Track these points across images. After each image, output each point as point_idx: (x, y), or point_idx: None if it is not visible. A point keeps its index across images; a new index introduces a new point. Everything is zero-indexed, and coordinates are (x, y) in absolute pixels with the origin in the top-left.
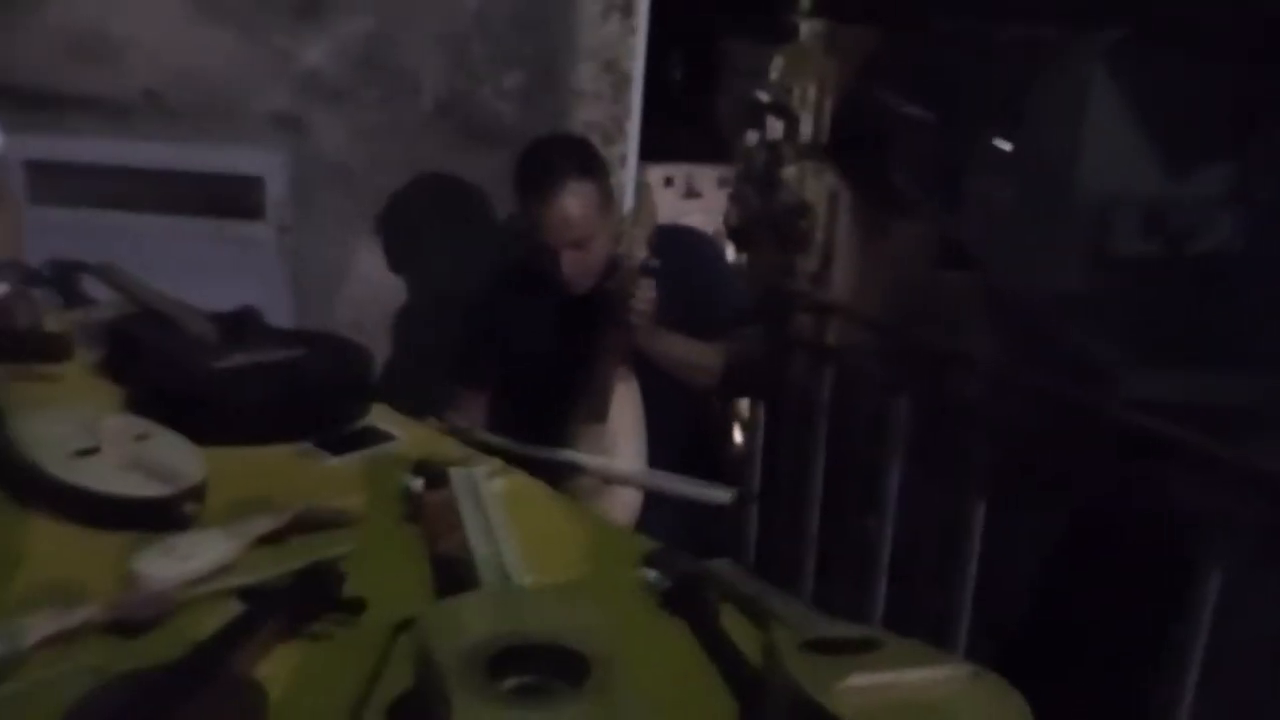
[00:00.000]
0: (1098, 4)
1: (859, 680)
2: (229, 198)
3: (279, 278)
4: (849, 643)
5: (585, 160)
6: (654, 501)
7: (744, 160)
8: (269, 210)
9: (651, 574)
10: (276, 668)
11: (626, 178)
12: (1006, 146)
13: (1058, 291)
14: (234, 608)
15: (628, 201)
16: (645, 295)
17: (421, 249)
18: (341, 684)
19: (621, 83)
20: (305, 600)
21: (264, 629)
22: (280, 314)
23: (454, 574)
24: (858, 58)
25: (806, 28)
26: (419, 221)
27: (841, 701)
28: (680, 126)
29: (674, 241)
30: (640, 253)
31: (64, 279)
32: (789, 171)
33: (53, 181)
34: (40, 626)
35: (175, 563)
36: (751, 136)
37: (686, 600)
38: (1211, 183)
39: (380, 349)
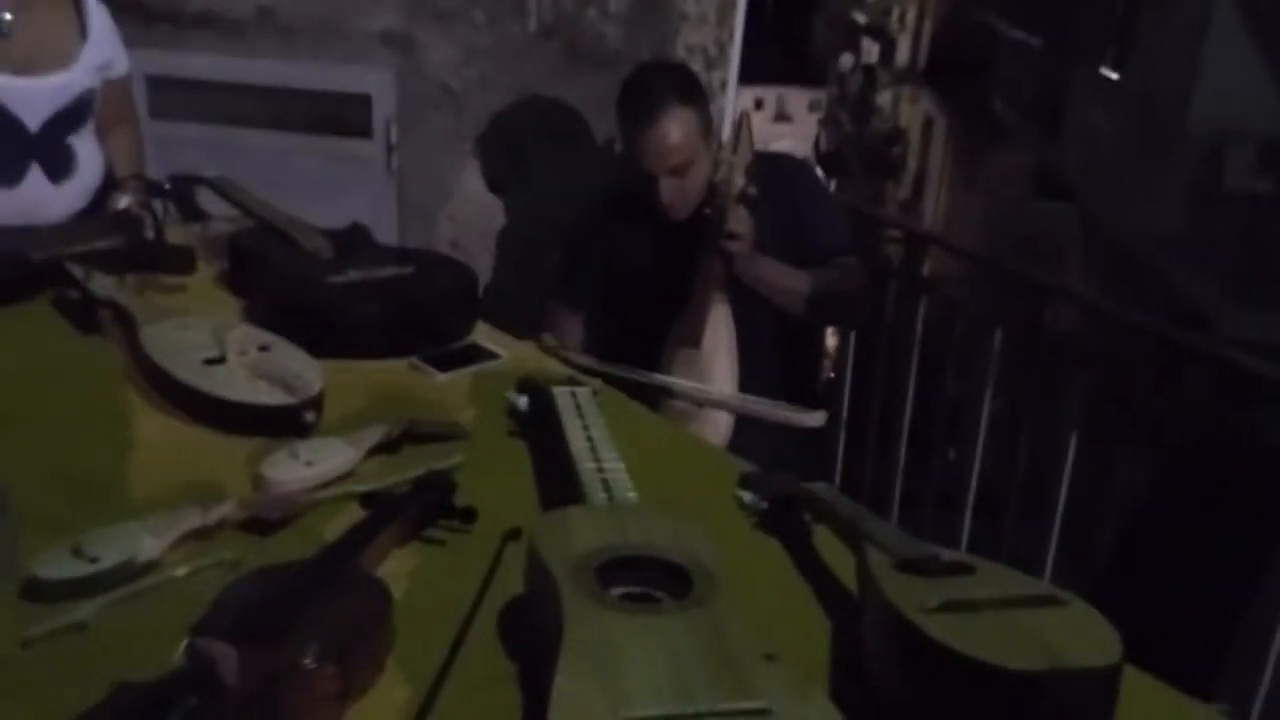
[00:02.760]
0: None
1: (952, 595)
2: (338, 115)
3: (385, 194)
4: (942, 565)
5: (686, 87)
6: (745, 426)
7: (837, 84)
8: (376, 128)
9: (748, 495)
10: (396, 569)
11: (726, 102)
12: (1114, 75)
13: (1161, 227)
14: (356, 512)
15: (728, 126)
16: (743, 222)
17: (523, 170)
18: (456, 587)
19: (726, 6)
20: (422, 507)
21: (385, 532)
22: (386, 230)
23: (560, 487)
24: None
25: None
26: (521, 142)
27: (934, 622)
28: (772, 48)
29: (773, 169)
30: (739, 181)
31: (183, 193)
32: (883, 96)
33: (171, 97)
34: (182, 522)
35: (300, 467)
36: (846, 60)
37: (782, 521)
38: None
39: (481, 267)
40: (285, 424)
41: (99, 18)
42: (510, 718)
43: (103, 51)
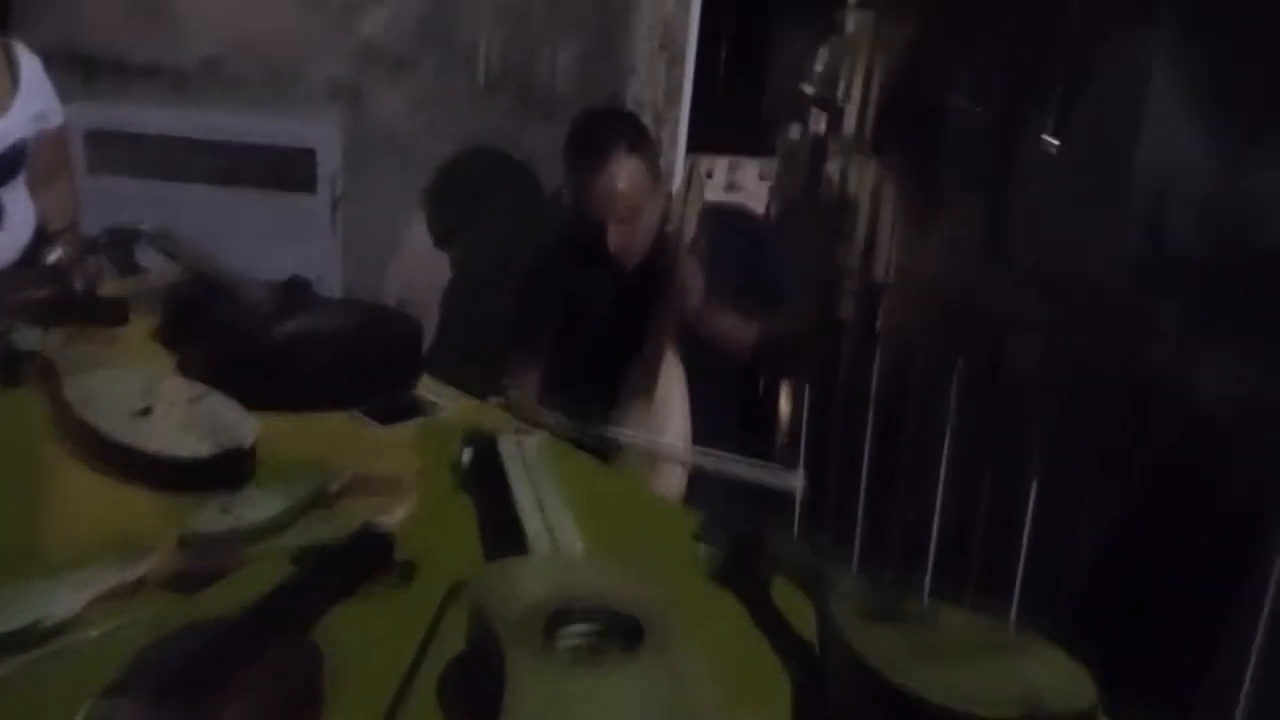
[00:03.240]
0: None
1: (920, 642)
2: (282, 169)
3: (330, 248)
4: (908, 612)
5: (634, 134)
6: (698, 479)
7: (786, 153)
8: (321, 182)
9: (702, 547)
10: (329, 628)
11: (676, 157)
12: (1055, 142)
13: (1109, 287)
14: (289, 568)
15: (676, 180)
16: (694, 274)
17: (472, 222)
18: (394, 647)
19: (675, 60)
20: (358, 562)
21: (318, 589)
22: (331, 284)
23: (505, 540)
24: (905, 49)
25: (853, 19)
26: (469, 194)
27: (903, 672)
28: (722, 118)
29: (723, 219)
30: (690, 230)
31: (120, 246)
32: (832, 165)
33: (111, 151)
34: (100, 579)
35: (230, 521)
36: (794, 130)
37: (738, 571)
38: (1274, 180)
39: (428, 322)
40: (216, 478)
41: (30, 69)
42: None
43: (35, 103)
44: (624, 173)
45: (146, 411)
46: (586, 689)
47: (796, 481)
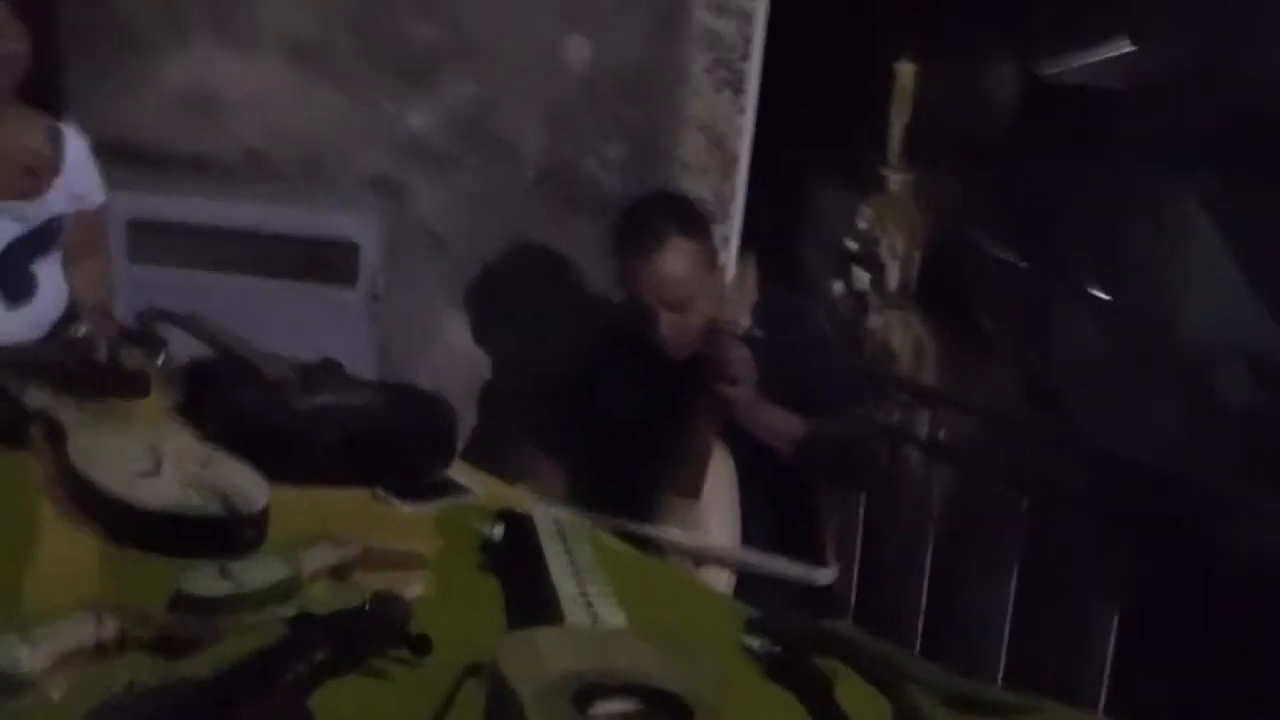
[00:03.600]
0: (1198, 146)
1: None
2: (322, 262)
3: (365, 343)
4: (997, 705)
5: (689, 218)
6: (746, 584)
7: (829, 309)
8: (361, 276)
9: (756, 641)
10: (329, 702)
11: (728, 257)
12: (1103, 295)
13: (1158, 443)
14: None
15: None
16: (745, 364)
17: (512, 321)
18: None
19: (729, 160)
20: (361, 629)
21: (313, 653)
22: (364, 377)
23: (536, 617)
24: (947, 207)
25: (896, 178)
26: (511, 292)
27: None
28: (764, 275)
29: (778, 312)
30: (743, 320)
31: (148, 328)
32: (874, 321)
33: (153, 240)
34: (70, 634)
35: (228, 585)
36: (837, 286)
37: (796, 668)
38: None
39: (463, 424)
40: (219, 543)
41: (76, 148)
42: None
43: (78, 182)
44: (678, 256)
45: (153, 472)
46: None
47: (826, 577)
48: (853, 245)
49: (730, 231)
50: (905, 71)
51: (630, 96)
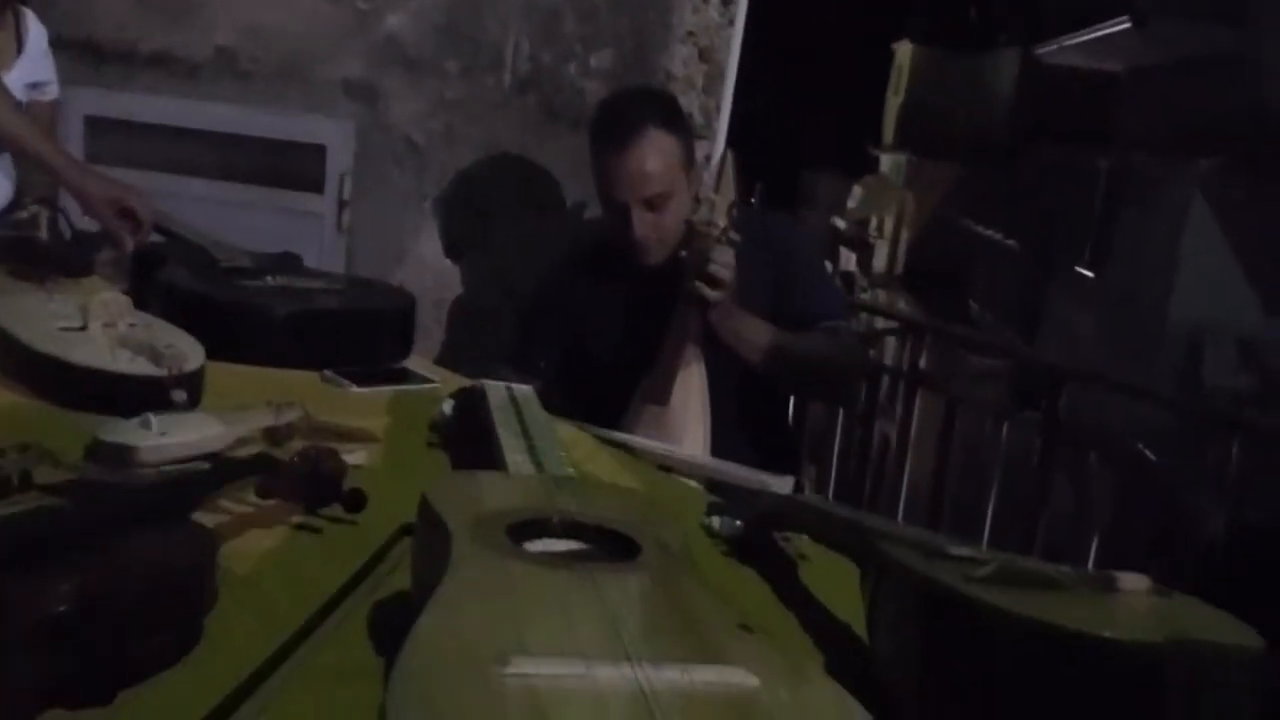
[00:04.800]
0: (1193, 133)
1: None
2: (289, 166)
3: (333, 251)
4: (986, 556)
5: (667, 112)
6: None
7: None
8: (328, 182)
9: (718, 520)
10: (249, 547)
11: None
12: (1090, 275)
13: (1144, 425)
14: None
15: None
16: (725, 266)
17: (485, 234)
18: (325, 577)
19: (714, 74)
20: (294, 480)
21: (232, 489)
22: None
23: None
24: (938, 190)
25: (887, 160)
26: (485, 204)
27: (992, 593)
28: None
29: (760, 224)
30: (720, 221)
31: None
32: (862, 300)
33: (112, 138)
34: None
35: (152, 436)
36: (826, 266)
37: (760, 548)
38: None
39: (432, 339)
40: (146, 402)
41: (37, 37)
42: (363, 717)
43: (35, 71)
44: (655, 151)
45: (80, 329)
46: (556, 584)
47: (785, 486)
48: (842, 225)
49: (715, 146)
50: (903, 51)
51: (617, 3)
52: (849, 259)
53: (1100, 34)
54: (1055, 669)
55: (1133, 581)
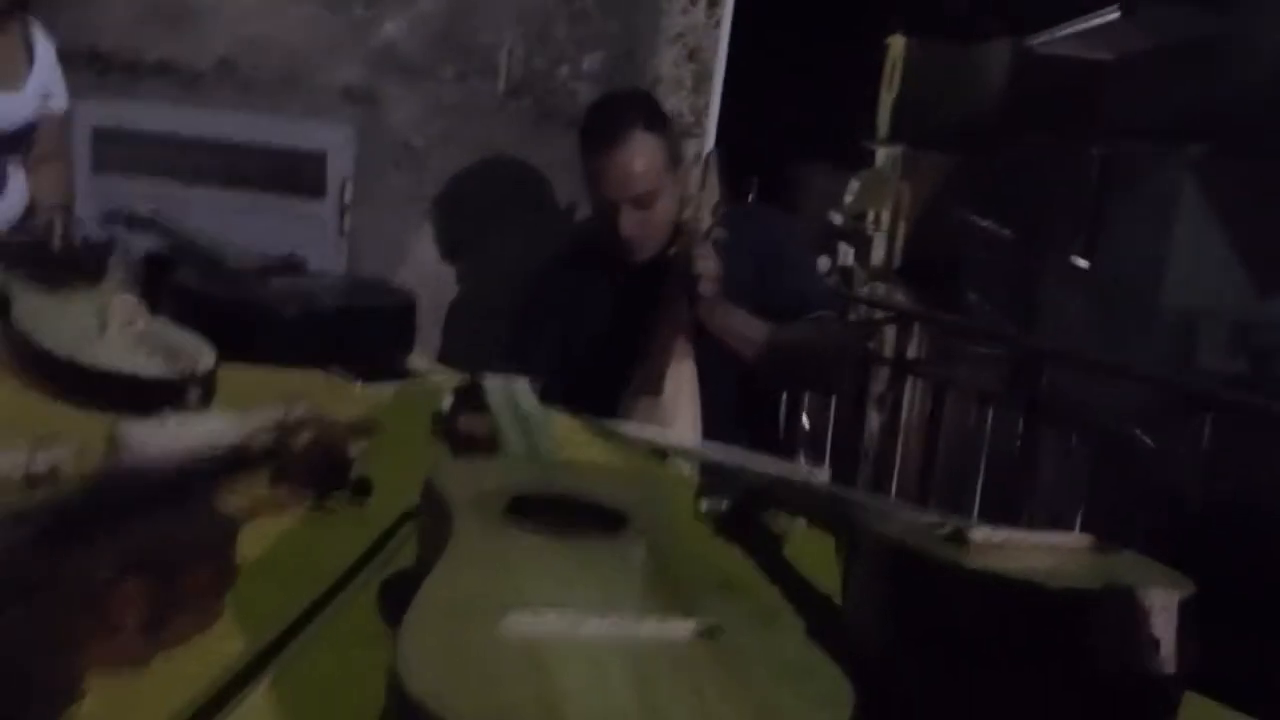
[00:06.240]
0: (1182, 120)
1: (977, 534)
2: (291, 173)
3: (335, 255)
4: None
5: (653, 113)
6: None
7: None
8: (330, 187)
9: (706, 502)
10: (265, 529)
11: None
12: (1084, 263)
13: (1134, 406)
14: None
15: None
16: (710, 262)
17: (483, 235)
18: (335, 554)
19: (703, 74)
20: (305, 465)
21: (248, 474)
22: None
23: None
24: (933, 181)
25: (883, 153)
26: (482, 206)
27: (949, 550)
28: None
29: (746, 218)
30: (706, 219)
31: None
32: (860, 294)
33: (118, 149)
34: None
35: (163, 431)
36: (823, 261)
37: (746, 524)
38: None
39: (431, 339)
40: (165, 402)
41: (45, 49)
42: (376, 675)
43: (46, 81)
44: (641, 151)
45: (98, 332)
46: (550, 549)
47: (824, 476)
48: (838, 219)
49: (706, 144)
50: (896, 45)
51: (608, 7)
52: (847, 253)
53: (1090, 23)
54: (1004, 619)
55: (1077, 540)
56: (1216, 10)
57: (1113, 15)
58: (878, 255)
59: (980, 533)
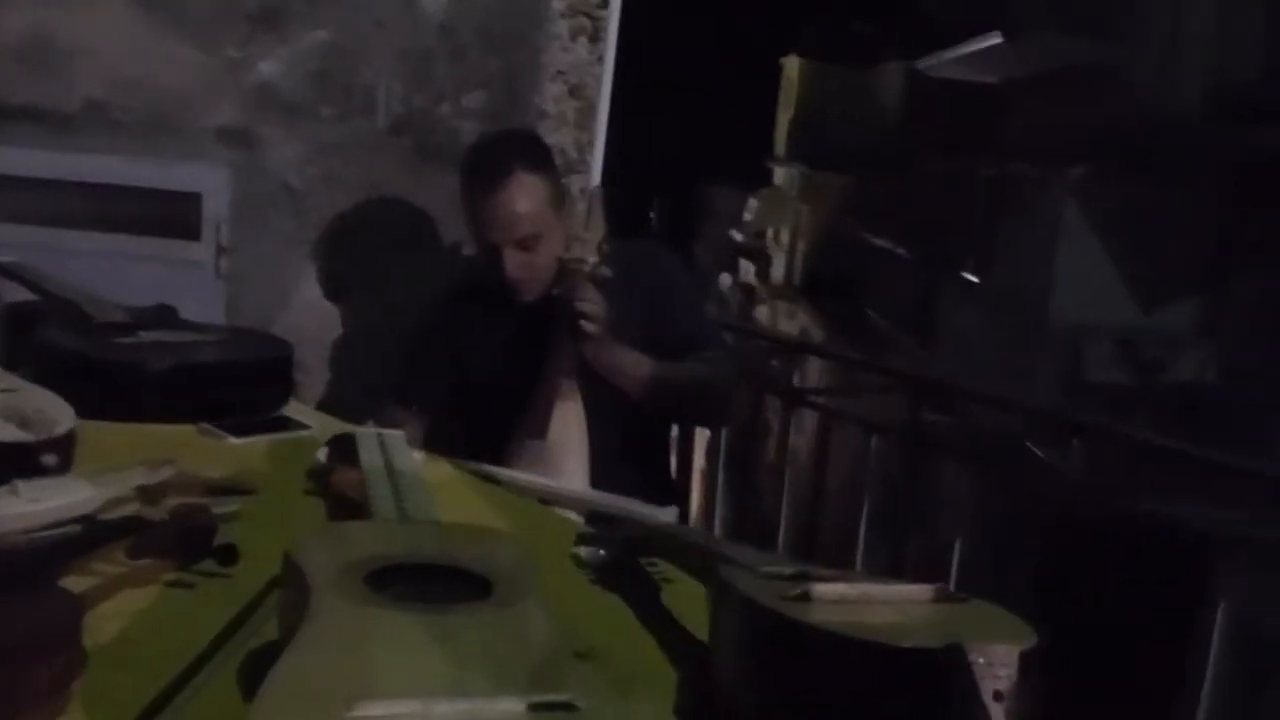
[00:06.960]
0: (1067, 141)
1: (821, 590)
2: (165, 216)
3: (214, 298)
4: (813, 573)
5: (534, 153)
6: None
7: (718, 302)
8: (205, 229)
9: (585, 550)
10: (121, 608)
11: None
12: (975, 279)
13: (1030, 417)
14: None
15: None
16: (595, 302)
17: (366, 275)
18: (195, 632)
19: (586, 109)
20: (167, 538)
21: (101, 552)
22: None
23: None
24: (832, 201)
25: (781, 173)
26: (364, 245)
27: (797, 609)
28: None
29: (633, 255)
30: (591, 258)
31: None
32: (761, 311)
33: None
34: None
35: (21, 504)
36: (725, 278)
37: (625, 574)
38: (1183, 315)
39: (318, 380)
40: (16, 469)
41: None
42: None
43: None
44: (523, 193)
45: None
46: (407, 626)
47: (669, 516)
48: (739, 238)
49: (591, 179)
50: (791, 66)
51: (488, 44)
52: (748, 270)
53: (974, 48)
54: (848, 677)
55: (920, 591)
56: (1101, 37)
57: (995, 40)
58: (778, 273)
59: (826, 588)
